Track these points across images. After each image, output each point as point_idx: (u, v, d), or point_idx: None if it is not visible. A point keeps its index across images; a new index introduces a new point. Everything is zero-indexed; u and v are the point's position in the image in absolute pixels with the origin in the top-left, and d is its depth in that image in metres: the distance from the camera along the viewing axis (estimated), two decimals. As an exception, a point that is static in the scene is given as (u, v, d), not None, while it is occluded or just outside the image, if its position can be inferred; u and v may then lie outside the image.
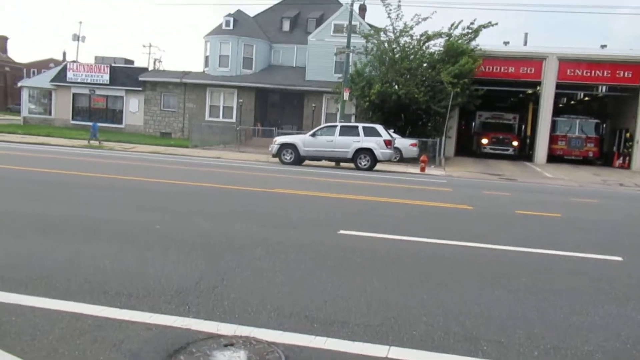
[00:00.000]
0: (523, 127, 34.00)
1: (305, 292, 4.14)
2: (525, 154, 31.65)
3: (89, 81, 35.79)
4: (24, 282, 3.96)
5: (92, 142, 24.29)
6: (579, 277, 5.12)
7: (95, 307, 3.51)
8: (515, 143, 31.30)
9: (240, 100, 33.02)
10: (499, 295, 4.36)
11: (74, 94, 36.43)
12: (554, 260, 5.77)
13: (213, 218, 7.14)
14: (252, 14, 37.72)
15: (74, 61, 41.83)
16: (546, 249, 6.23)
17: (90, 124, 27.65)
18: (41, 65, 69.27)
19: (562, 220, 9.14)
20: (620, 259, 5.94)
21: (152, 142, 27.01)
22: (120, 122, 35.85)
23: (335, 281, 4.47)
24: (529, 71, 29.58)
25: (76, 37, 53.86)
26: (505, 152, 30.64)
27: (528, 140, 33.71)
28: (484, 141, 31.20)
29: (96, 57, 38.76)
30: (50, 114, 37.36)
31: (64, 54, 66.47)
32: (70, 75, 36.14)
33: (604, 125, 32.01)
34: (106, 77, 35.49)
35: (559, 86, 29.36)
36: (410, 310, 3.87)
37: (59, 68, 38.84)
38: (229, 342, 3.09)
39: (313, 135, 19.63)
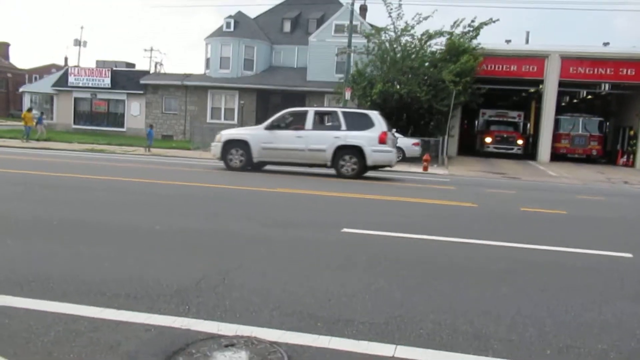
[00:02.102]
0: (528, 125, 33.38)
1: (308, 291, 4.04)
2: (528, 152, 31.44)
3: (90, 85, 35.82)
4: (19, 283, 3.87)
5: (147, 148, 23.58)
6: (589, 273, 5.01)
7: (93, 309, 3.41)
8: (520, 142, 30.69)
9: (242, 102, 32.97)
10: (507, 293, 4.25)
11: (75, 99, 36.46)
12: (562, 257, 5.65)
13: (215, 218, 7.04)
14: (252, 16, 37.70)
15: (75, 66, 41.85)
16: (553, 245, 6.11)
17: (94, 127, 27.65)
18: (43, 71, 69.40)
19: (569, 217, 9.01)
20: (630, 255, 5.82)
21: (154, 145, 26.93)
22: (122, 126, 35.84)
23: (339, 280, 4.36)
24: (531, 69, 29.45)
25: (77, 42, 53.96)
26: (509, 151, 29.98)
27: (531, 139, 33.47)
28: (488, 140, 30.62)
29: (97, 62, 38.81)
30: (52, 118, 37.36)
31: (66, 59, 66.40)
32: (71, 79, 36.16)
33: (607, 124, 31.86)
34: (107, 81, 35.50)
35: (561, 84, 29.21)
36: (417, 308, 3.76)
37: (60, 73, 38.91)
38: (230, 343, 2.99)
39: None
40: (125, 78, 35.71)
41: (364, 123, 13.83)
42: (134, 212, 7.33)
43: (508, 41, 31.69)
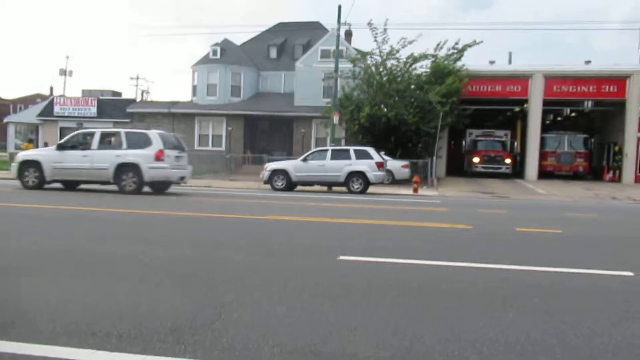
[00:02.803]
0: (515, 144, 33.33)
1: (308, 324, 3.88)
2: (516, 171, 31.62)
3: (76, 115, 35.61)
4: (3, 326, 3.66)
5: None
6: (593, 295, 4.90)
7: (83, 351, 3.22)
8: (508, 161, 30.47)
9: (230, 128, 32.93)
10: (514, 319, 4.12)
11: (61, 128, 36.15)
12: (564, 278, 5.55)
13: (206, 248, 6.85)
14: (239, 43, 37.96)
15: (61, 95, 41.64)
16: (554, 266, 6.01)
17: None
18: (28, 101, 69.05)
19: (565, 236, 8.95)
20: (631, 274, 5.74)
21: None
22: (109, 155, 35.50)
23: (338, 310, 4.21)
24: (515, 89, 29.87)
25: (63, 72, 53.77)
26: (498, 171, 29.84)
27: (518, 158, 33.71)
28: (475, 160, 30.49)
29: (83, 91, 38.68)
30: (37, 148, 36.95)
31: (51, 88, 66.13)
32: (57, 109, 35.94)
33: (592, 140, 32.25)
34: (94, 110, 35.33)
35: (546, 103, 29.63)
36: (422, 339, 3.61)
37: (45, 103, 38.68)
38: (230, 385, 2.82)
39: (304, 160, 19.44)
40: (112, 107, 35.57)
41: (143, 142, 15.12)
42: (121, 244, 7.13)
43: (492, 62, 32.15)
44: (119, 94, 40.07)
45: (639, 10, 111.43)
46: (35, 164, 15.07)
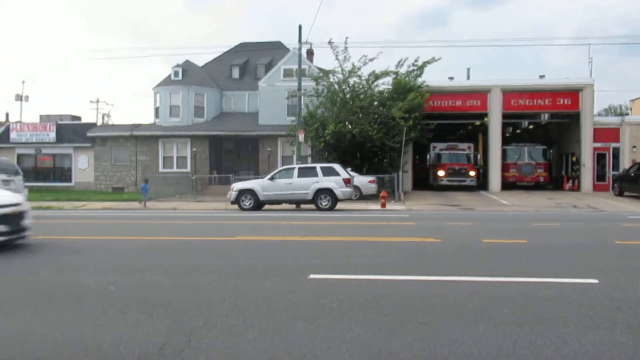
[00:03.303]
0: (478, 156, 33.58)
1: (281, 347, 3.81)
2: (480, 182, 32.19)
3: (34, 140, 34.57)
4: None
5: (142, 202, 22.43)
6: (561, 303, 4.98)
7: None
8: (472, 173, 30.59)
9: (194, 149, 32.55)
10: (485, 331, 4.15)
11: (18, 155, 35.02)
12: (532, 288, 5.64)
13: (173, 273, 6.68)
14: (200, 64, 37.78)
15: (17, 121, 40.44)
16: (521, 277, 6.11)
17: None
18: (-18, 128, 66.72)
19: (530, 246, 9.13)
20: (596, 281, 5.88)
21: (104, 199, 26.05)
22: (69, 180, 34.57)
23: (311, 331, 4.15)
24: (475, 104, 30.61)
25: (19, 97, 52.31)
26: (462, 184, 29.97)
27: (481, 170, 34.37)
28: (440, 173, 30.53)
29: (41, 116, 37.63)
30: (-7, 176, 35.66)
31: (7, 114, 64.07)
32: (13, 135, 34.83)
33: (551, 151, 33.21)
34: (52, 135, 34.38)
35: (504, 116, 30.44)
36: (397, 357, 3.60)
37: (1, 129, 37.43)
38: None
39: (271, 178, 19.33)
40: (72, 131, 34.70)
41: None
42: (84, 273, 6.89)
43: (451, 78, 32.88)
44: (79, 118, 39.15)
45: (586, 26, 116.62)
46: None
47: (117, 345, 3.82)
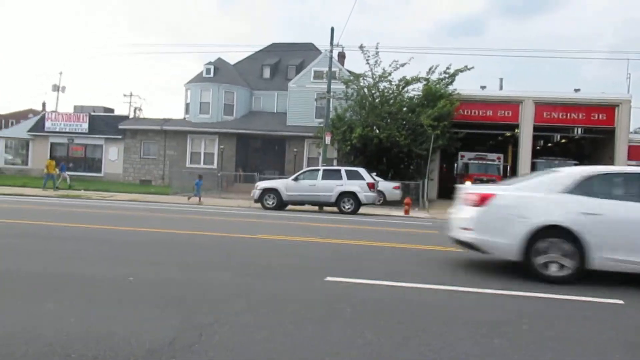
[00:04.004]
0: (508, 167, 32.54)
1: (290, 348, 3.78)
2: None
3: (67, 130, 35.42)
4: None
5: (192, 199, 22.14)
6: (582, 322, 4.83)
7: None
8: None
9: (222, 147, 32.88)
10: (501, 345, 4.04)
11: (51, 144, 35.93)
12: (553, 304, 5.48)
13: (191, 268, 6.73)
14: (232, 62, 38.14)
15: (52, 111, 41.51)
16: (544, 292, 5.94)
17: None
18: (20, 116, 68.68)
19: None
20: (621, 302, 5.68)
21: (132, 190, 26.50)
22: (99, 171, 35.30)
23: (323, 334, 4.11)
24: (506, 114, 30.10)
25: (56, 88, 53.68)
26: None
27: (509, 182, 33.69)
28: (467, 183, 30.19)
29: (75, 107, 38.55)
30: (27, 164, 36.68)
31: (44, 104, 65.92)
32: (48, 124, 35.75)
33: (583, 166, 32.44)
34: (85, 126, 35.18)
35: (536, 129, 29.85)
36: (407, 366, 3.52)
37: (36, 118, 38.46)
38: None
39: (295, 179, 19.36)
40: (104, 123, 35.44)
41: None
42: (104, 263, 6.99)
43: (483, 87, 32.45)
44: (112, 111, 39.96)
45: (625, 41, 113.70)
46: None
47: (128, 337, 3.85)
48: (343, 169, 19.89)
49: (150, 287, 5.51)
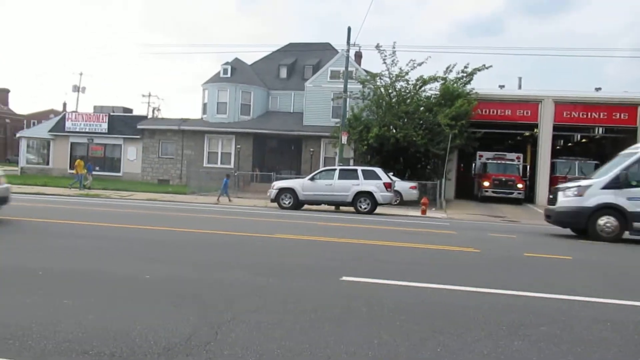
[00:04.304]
0: (528, 167, 31.61)
1: (306, 347, 3.76)
2: (526, 195, 31.15)
3: (87, 130, 35.94)
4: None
5: (221, 199, 22.33)
6: (603, 325, 4.72)
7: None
8: (520, 185, 28.60)
9: (238, 146, 33.05)
10: (520, 348, 3.97)
11: (72, 143, 36.49)
12: (573, 306, 5.38)
13: (207, 266, 6.76)
14: (249, 62, 38.30)
15: (73, 111, 42.13)
16: (562, 294, 5.84)
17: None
18: (41, 116, 69.93)
19: (574, 263, 8.75)
20: (643, 304, 5.55)
21: (150, 190, 26.78)
22: (119, 170, 35.74)
23: (339, 334, 4.08)
24: (525, 114, 29.74)
25: (76, 88, 54.61)
26: (509, 196, 28.04)
27: (527, 182, 33.26)
28: (486, 184, 28.74)
29: (95, 107, 39.09)
30: (48, 163, 37.28)
31: (64, 104, 67.05)
32: (68, 124, 36.30)
33: (604, 166, 31.91)
34: (104, 126, 35.65)
35: (556, 128, 29.46)
36: (424, 367, 3.48)
37: (57, 118, 39.09)
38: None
39: (312, 179, 19.36)
40: (123, 123, 35.87)
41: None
42: (122, 261, 7.05)
43: (502, 86, 32.16)
44: (130, 111, 40.44)
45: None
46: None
47: (145, 333, 3.86)
48: (360, 168, 19.84)
49: (167, 285, 5.53)
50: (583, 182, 13.09)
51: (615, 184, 12.25)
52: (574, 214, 12.44)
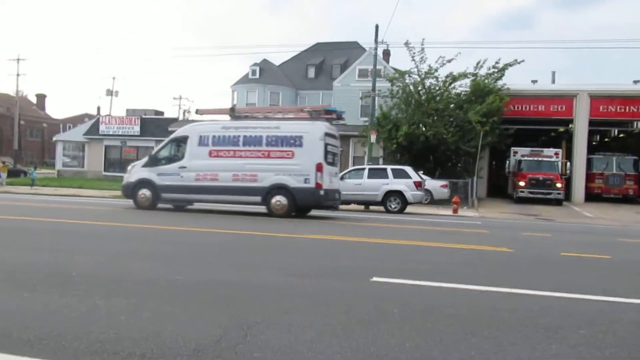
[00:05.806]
0: (568, 164, 28.98)
1: (337, 350, 3.70)
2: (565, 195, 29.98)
3: (120, 133, 36.72)
4: (30, 342, 3.63)
5: None
6: (647, 328, 4.52)
7: (103, 371, 3.15)
8: (559, 185, 26.37)
9: (268, 147, 33.21)
10: (558, 352, 3.82)
11: (106, 146, 37.34)
12: (615, 308, 5.17)
13: (237, 267, 6.77)
14: (277, 63, 38.47)
15: (106, 115, 43.12)
16: (602, 295, 5.63)
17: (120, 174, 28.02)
18: (77, 120, 71.79)
19: (614, 263, 8.45)
20: (690, 306, 5.30)
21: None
22: (151, 172, 36.36)
23: (370, 336, 4.01)
24: (559, 109, 29.01)
25: (109, 92, 55.92)
26: (547, 197, 26.02)
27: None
28: (521, 184, 26.65)
29: (127, 110, 39.91)
30: (83, 166, 38.24)
31: (98, 108, 68.78)
32: (102, 128, 37.16)
33: (643, 162, 30.88)
34: (137, 129, 36.35)
35: (592, 123, 28.65)
36: (458, 371, 3.38)
37: (92, 122, 40.07)
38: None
39: (341, 178, 19.27)
40: (154, 125, 36.51)
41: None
42: (154, 262, 7.13)
43: (534, 81, 31.47)
44: (162, 113, 41.13)
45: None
46: None
47: (176, 335, 3.87)
48: (389, 167, 19.68)
49: (199, 286, 5.55)
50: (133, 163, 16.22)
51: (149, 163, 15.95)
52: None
